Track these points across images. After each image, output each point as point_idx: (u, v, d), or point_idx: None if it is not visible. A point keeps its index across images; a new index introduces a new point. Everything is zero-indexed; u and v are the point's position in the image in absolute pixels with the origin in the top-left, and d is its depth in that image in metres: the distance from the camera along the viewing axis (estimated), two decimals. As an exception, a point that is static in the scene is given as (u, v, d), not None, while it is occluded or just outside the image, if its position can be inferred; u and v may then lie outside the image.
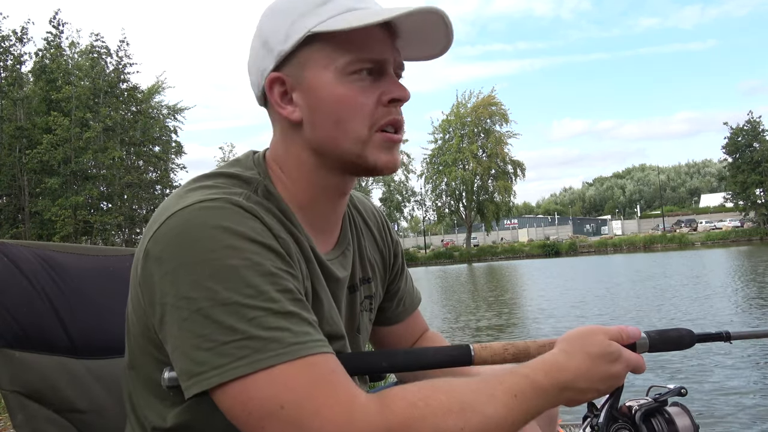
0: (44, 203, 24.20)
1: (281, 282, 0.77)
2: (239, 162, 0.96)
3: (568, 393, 0.82)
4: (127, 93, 27.54)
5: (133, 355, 0.91)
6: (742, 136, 51.89)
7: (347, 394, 0.72)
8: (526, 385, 0.79)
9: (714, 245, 47.45)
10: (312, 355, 0.73)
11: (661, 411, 0.92)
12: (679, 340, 0.95)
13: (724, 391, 4.77)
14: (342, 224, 1.04)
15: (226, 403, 0.73)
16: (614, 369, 0.85)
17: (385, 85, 0.89)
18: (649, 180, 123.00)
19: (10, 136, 24.62)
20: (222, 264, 0.74)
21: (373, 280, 1.11)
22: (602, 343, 0.85)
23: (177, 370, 0.76)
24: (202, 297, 0.73)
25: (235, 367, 0.71)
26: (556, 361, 0.83)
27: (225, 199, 0.81)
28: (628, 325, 0.92)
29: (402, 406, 0.71)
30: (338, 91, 0.87)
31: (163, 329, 0.77)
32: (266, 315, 0.73)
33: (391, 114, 0.89)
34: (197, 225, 0.77)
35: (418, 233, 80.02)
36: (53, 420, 1.02)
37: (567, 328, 1.11)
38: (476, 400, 0.74)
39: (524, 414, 0.78)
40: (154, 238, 0.80)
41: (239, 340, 0.71)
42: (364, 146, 0.89)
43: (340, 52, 0.87)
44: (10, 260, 1.06)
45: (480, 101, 52.33)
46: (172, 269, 0.76)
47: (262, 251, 0.78)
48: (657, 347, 0.93)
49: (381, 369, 0.93)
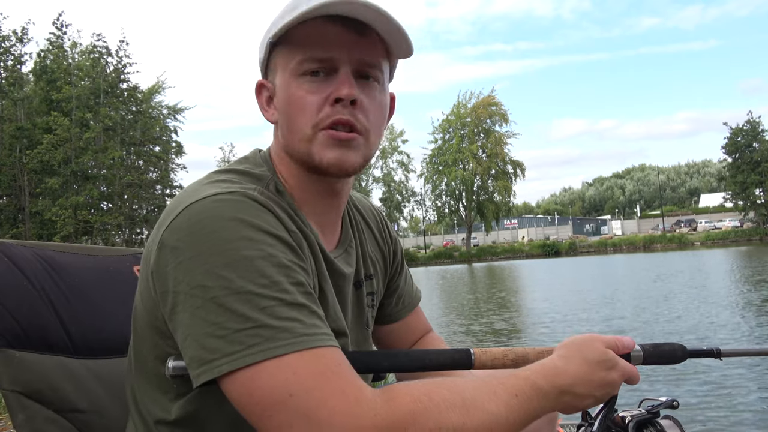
0: (44, 203, 24.19)
1: (293, 275, 0.79)
2: (248, 159, 0.99)
3: (566, 397, 0.83)
4: (127, 93, 27.53)
5: (138, 349, 0.91)
6: (742, 136, 51.86)
7: (354, 386, 0.73)
8: (527, 386, 0.80)
9: (713, 245, 47.44)
10: (321, 347, 0.74)
11: (654, 423, 0.95)
12: (672, 354, 0.97)
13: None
14: (343, 223, 1.06)
15: (235, 391, 0.73)
16: (610, 376, 0.87)
17: (335, 84, 0.89)
18: (649, 180, 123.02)
19: (11, 136, 24.61)
20: (238, 254, 0.76)
21: (375, 277, 1.13)
22: (599, 350, 0.87)
23: (187, 359, 0.76)
24: (217, 285, 0.74)
25: (245, 355, 0.72)
26: (555, 366, 0.85)
27: (241, 193, 0.83)
28: (624, 336, 0.94)
29: (406, 401, 0.72)
30: (290, 92, 0.91)
31: (174, 318, 0.78)
32: (278, 305, 0.75)
33: (337, 113, 0.89)
34: (214, 216, 0.79)
35: (418, 233, 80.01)
36: (53, 420, 1.02)
37: (567, 329, 1.11)
38: (478, 397, 0.76)
39: (524, 414, 0.79)
40: (170, 228, 0.81)
41: (251, 328, 0.73)
42: (309, 145, 0.90)
43: (293, 54, 0.91)
44: (11, 260, 1.06)
45: (480, 101, 52.31)
46: (188, 258, 0.77)
47: (277, 243, 0.80)
48: (650, 360, 0.95)
49: (382, 369, 0.93)
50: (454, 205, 55.87)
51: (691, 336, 7.63)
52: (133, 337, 0.93)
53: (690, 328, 8.33)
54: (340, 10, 0.85)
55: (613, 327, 9.00)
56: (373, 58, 0.91)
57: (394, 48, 0.93)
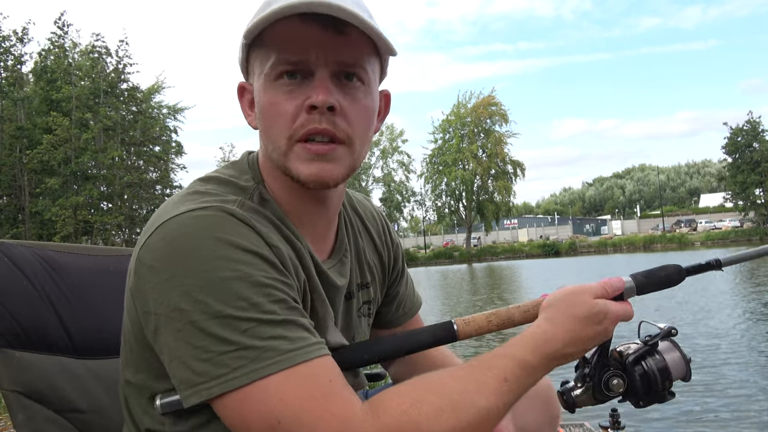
0: (44, 203, 24.16)
1: (274, 293, 0.76)
2: (235, 165, 0.95)
3: (556, 362, 0.82)
4: (127, 93, 27.49)
5: (127, 361, 0.90)
6: (742, 136, 51.79)
7: (343, 404, 0.72)
8: (516, 366, 0.79)
9: (713, 245, 47.35)
10: (309, 361, 0.73)
11: (652, 352, 0.92)
12: (668, 277, 0.94)
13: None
14: (338, 230, 1.02)
15: (226, 413, 0.73)
16: (602, 327, 0.85)
17: (311, 89, 0.82)
18: (649, 180, 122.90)
19: (11, 136, 24.57)
20: (213, 276, 0.73)
21: (372, 285, 1.09)
22: (587, 304, 0.84)
23: (176, 381, 0.75)
24: (195, 310, 0.73)
25: (232, 378, 0.71)
26: (543, 333, 0.82)
27: (218, 207, 0.80)
28: (611, 277, 0.91)
29: (394, 415, 0.71)
30: (265, 97, 0.85)
31: (158, 339, 0.77)
32: (260, 325, 0.73)
33: (312, 122, 0.82)
34: (188, 234, 0.76)
35: (418, 233, 79.94)
36: (53, 420, 1.02)
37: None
38: (466, 393, 0.74)
39: (515, 396, 0.78)
40: (146, 246, 0.79)
41: (235, 350, 0.71)
42: (286, 158, 0.85)
43: (267, 56, 0.84)
44: (11, 260, 1.06)
45: (480, 101, 52.20)
46: (164, 279, 0.75)
47: (255, 261, 0.77)
48: (645, 289, 0.92)
49: (373, 359, 0.92)
50: (454, 205, 55.78)
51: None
52: (124, 349, 0.91)
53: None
54: (313, 8, 0.78)
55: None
56: (354, 58, 0.84)
57: (379, 44, 0.85)
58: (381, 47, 0.87)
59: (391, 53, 0.89)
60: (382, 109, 0.96)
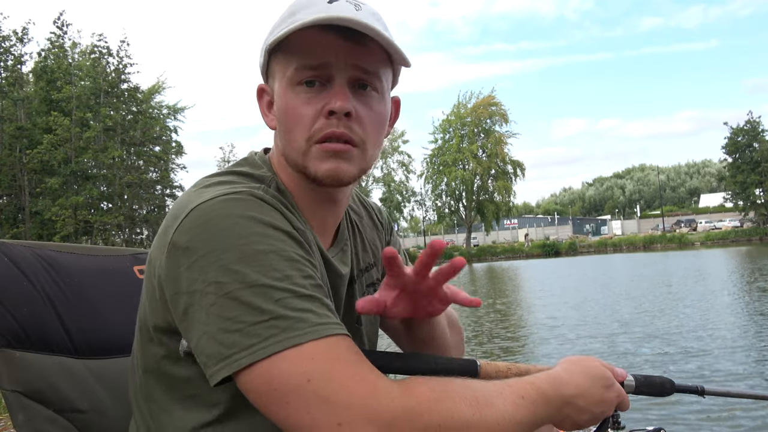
0: (44, 203, 24.17)
1: (303, 268, 0.80)
2: (247, 161, 1.00)
3: (567, 409, 0.86)
4: (127, 93, 27.51)
5: (144, 351, 0.91)
6: (742, 136, 51.86)
7: (371, 372, 0.75)
8: (532, 389, 0.82)
9: (713, 245, 47.42)
10: (337, 335, 0.76)
11: None
12: (661, 387, 1.03)
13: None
14: (339, 222, 1.06)
15: (253, 382, 0.74)
16: (608, 394, 0.90)
17: (329, 96, 0.88)
18: (649, 180, 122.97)
19: (11, 136, 24.59)
20: (250, 249, 0.77)
21: (376, 265, 1.13)
22: (600, 368, 0.92)
23: (204, 357, 0.77)
24: (232, 280, 0.75)
25: (264, 347, 0.73)
26: (559, 375, 0.87)
27: (247, 192, 0.85)
28: (616, 367, 0.98)
29: (422, 389, 0.74)
30: (285, 101, 0.92)
31: (187, 318, 0.78)
32: (292, 297, 0.76)
33: (330, 126, 0.88)
34: (224, 215, 0.80)
35: (418, 233, 79.95)
36: (54, 420, 1.02)
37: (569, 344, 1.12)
38: (488, 394, 0.78)
39: (530, 415, 0.80)
40: (179, 230, 0.81)
41: (267, 320, 0.74)
42: (305, 158, 0.91)
43: (289, 62, 0.91)
44: (11, 260, 1.06)
45: (480, 101, 52.22)
46: (201, 256, 0.78)
47: (286, 239, 0.82)
48: (641, 390, 1.01)
49: (392, 369, 0.93)
50: (454, 205, 55.80)
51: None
52: (140, 341, 0.92)
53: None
54: (341, 22, 0.85)
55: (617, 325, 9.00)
56: (371, 66, 0.90)
57: (395, 56, 0.93)
58: (396, 58, 0.93)
59: (404, 64, 0.96)
60: (392, 114, 1.02)
